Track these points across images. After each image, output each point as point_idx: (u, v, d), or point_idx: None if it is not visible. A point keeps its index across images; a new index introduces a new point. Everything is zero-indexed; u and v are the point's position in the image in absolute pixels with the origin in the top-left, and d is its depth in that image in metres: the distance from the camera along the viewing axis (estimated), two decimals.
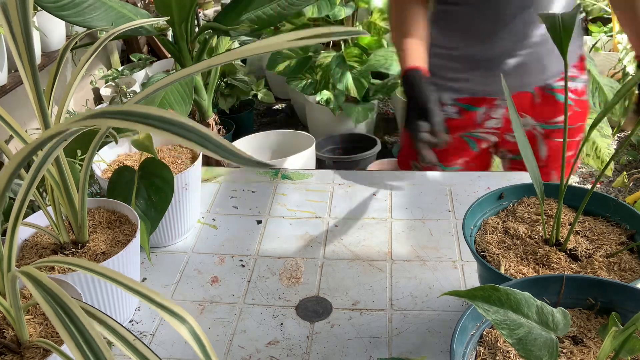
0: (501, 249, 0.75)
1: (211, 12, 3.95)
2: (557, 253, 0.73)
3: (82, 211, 0.80)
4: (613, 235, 0.75)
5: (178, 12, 1.52)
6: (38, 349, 0.62)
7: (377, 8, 2.83)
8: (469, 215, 0.78)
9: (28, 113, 2.38)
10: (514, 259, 0.73)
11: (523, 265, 0.72)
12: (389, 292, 0.90)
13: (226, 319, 0.86)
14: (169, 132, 0.44)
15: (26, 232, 0.85)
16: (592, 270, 0.70)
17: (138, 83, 3.05)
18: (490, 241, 0.76)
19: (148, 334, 0.84)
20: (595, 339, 0.59)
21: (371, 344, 0.81)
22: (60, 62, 0.76)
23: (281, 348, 0.81)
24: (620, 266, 0.70)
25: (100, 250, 0.82)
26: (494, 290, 0.49)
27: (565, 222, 0.78)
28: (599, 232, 0.76)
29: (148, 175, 0.93)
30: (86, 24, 1.41)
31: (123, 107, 0.45)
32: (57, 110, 0.79)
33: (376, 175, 1.22)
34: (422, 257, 0.97)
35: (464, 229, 0.76)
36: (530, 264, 0.72)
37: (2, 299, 0.59)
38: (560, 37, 0.68)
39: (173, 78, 0.55)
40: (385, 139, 3.21)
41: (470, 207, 0.78)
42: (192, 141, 0.44)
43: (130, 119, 0.44)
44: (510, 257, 0.73)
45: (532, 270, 0.71)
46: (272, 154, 2.62)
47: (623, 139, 3.01)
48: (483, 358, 0.58)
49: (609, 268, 0.70)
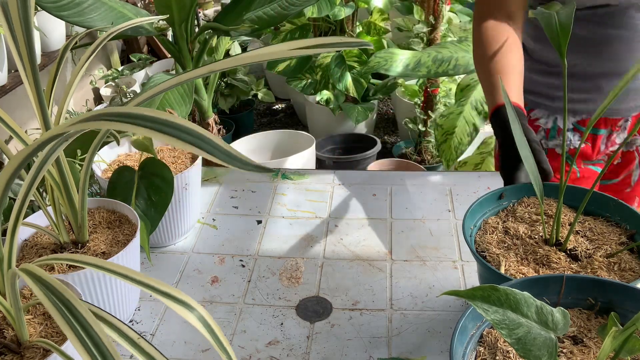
0: (501, 249, 0.75)
1: (211, 12, 3.95)
2: (557, 253, 0.73)
3: (82, 211, 0.80)
4: (613, 235, 0.75)
5: (178, 12, 1.52)
6: (38, 349, 0.62)
7: (377, 8, 2.83)
8: (469, 215, 0.78)
9: (28, 113, 2.38)
10: (514, 259, 0.73)
11: (523, 265, 0.72)
12: (389, 292, 0.90)
13: (226, 319, 0.86)
14: (168, 135, 0.44)
15: (26, 232, 0.85)
16: (592, 270, 0.70)
17: (138, 83, 3.05)
18: (490, 241, 0.76)
19: (148, 334, 0.84)
20: (595, 339, 0.59)
21: (371, 344, 0.81)
22: (60, 62, 0.76)
23: (281, 348, 0.81)
24: (620, 266, 0.70)
25: (100, 250, 0.82)
26: (493, 290, 0.49)
27: (565, 222, 0.77)
28: (599, 232, 0.76)
29: (148, 175, 0.93)
30: (86, 24, 1.41)
31: (121, 109, 0.45)
32: (57, 110, 0.79)
33: (376, 175, 1.22)
34: (422, 257, 0.97)
35: (464, 229, 0.76)
36: (530, 263, 0.72)
37: (2, 298, 0.59)
38: (558, 37, 0.67)
39: (174, 82, 0.55)
40: (385, 139, 3.21)
41: (470, 207, 0.78)
42: (192, 144, 0.44)
43: (129, 122, 0.44)
44: (510, 257, 0.73)
45: (532, 270, 0.71)
46: (272, 154, 2.62)
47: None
48: (483, 358, 0.58)
49: (609, 268, 0.70)
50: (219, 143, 0.45)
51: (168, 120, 0.44)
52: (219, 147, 0.45)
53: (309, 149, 2.35)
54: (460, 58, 1.93)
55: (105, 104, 2.83)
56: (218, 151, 0.45)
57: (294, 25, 2.89)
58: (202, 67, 0.53)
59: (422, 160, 2.78)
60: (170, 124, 0.44)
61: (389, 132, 3.29)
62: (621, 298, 0.61)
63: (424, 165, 2.73)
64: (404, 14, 2.83)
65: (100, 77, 2.98)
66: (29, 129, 2.36)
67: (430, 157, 2.78)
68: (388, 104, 3.55)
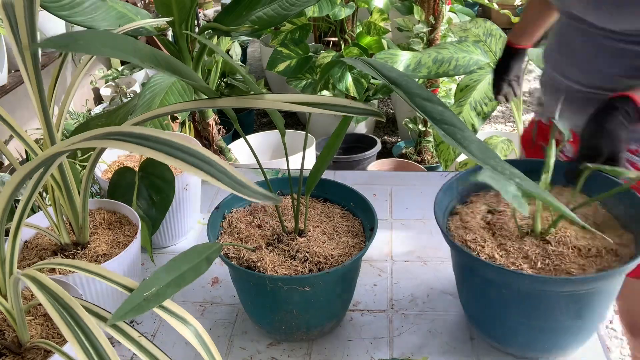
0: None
1: (211, 12, 3.94)
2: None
3: (84, 212, 0.80)
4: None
5: (178, 12, 1.52)
6: (39, 350, 0.62)
7: (377, 8, 2.83)
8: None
9: (28, 113, 2.38)
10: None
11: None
12: (389, 292, 0.90)
13: (227, 319, 0.86)
14: (178, 159, 0.44)
15: (27, 233, 0.85)
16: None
17: (138, 83, 3.05)
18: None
19: (149, 335, 0.84)
20: None
21: (372, 344, 0.80)
22: (63, 63, 0.76)
23: (282, 349, 0.81)
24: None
25: (101, 251, 0.81)
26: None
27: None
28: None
29: (149, 176, 0.93)
30: (87, 24, 1.41)
31: (131, 129, 0.45)
32: (58, 111, 0.79)
33: (376, 175, 1.22)
34: (422, 258, 0.97)
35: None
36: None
37: (3, 300, 0.59)
38: None
39: (205, 103, 0.54)
40: (385, 139, 3.21)
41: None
42: (201, 169, 0.44)
43: (136, 142, 0.44)
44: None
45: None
46: (272, 154, 2.62)
47: None
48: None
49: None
50: (228, 169, 0.45)
51: (176, 142, 0.44)
52: (227, 173, 0.45)
53: (309, 149, 2.35)
54: (460, 58, 1.93)
55: (105, 104, 2.83)
56: (226, 177, 0.45)
57: (294, 25, 2.89)
58: (226, 98, 0.53)
59: (422, 160, 2.78)
60: (179, 147, 0.44)
61: (389, 132, 3.29)
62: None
63: (424, 165, 2.73)
64: (404, 14, 2.83)
65: (101, 77, 2.98)
66: (29, 129, 2.36)
67: (430, 157, 2.78)
68: (388, 104, 3.55)
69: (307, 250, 0.75)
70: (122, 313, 0.49)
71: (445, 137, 0.49)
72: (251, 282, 0.74)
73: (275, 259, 0.74)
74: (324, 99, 0.53)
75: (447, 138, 0.49)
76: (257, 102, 0.52)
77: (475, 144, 0.49)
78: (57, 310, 0.47)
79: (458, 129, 0.49)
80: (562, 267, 0.69)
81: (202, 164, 0.44)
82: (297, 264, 0.74)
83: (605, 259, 0.70)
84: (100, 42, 0.50)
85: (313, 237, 0.78)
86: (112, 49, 0.50)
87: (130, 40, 0.51)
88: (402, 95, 0.51)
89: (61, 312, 0.47)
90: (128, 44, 0.51)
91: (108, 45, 0.50)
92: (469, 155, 0.48)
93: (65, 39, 0.49)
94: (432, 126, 0.50)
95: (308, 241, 0.77)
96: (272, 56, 2.74)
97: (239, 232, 0.80)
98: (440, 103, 0.51)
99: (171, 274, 0.54)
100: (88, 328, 0.46)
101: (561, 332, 0.71)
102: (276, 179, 0.88)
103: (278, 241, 0.78)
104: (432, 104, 0.51)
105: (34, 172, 0.48)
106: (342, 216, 0.84)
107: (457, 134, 0.49)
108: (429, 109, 0.50)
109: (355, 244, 0.78)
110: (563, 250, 0.71)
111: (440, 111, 0.50)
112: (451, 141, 0.49)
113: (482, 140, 0.50)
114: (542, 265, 0.70)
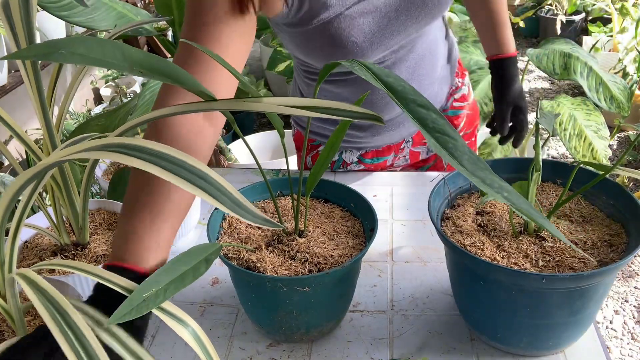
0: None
1: None
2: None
3: (84, 212, 0.79)
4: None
5: (178, 12, 1.52)
6: None
7: None
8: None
9: (28, 113, 2.38)
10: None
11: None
12: (389, 293, 0.90)
13: (227, 320, 0.86)
14: (181, 177, 0.44)
15: (26, 233, 0.85)
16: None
17: (138, 83, 3.05)
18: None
19: (149, 336, 0.84)
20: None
21: (372, 345, 0.80)
22: (62, 64, 0.76)
23: (282, 350, 0.80)
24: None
25: (101, 251, 0.81)
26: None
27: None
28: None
29: None
30: (87, 24, 1.41)
31: (135, 141, 0.45)
32: (58, 111, 0.79)
33: (376, 176, 1.22)
34: (423, 258, 0.97)
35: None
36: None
37: (2, 301, 0.59)
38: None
39: (189, 108, 0.54)
40: None
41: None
42: (203, 190, 0.44)
43: (138, 156, 0.44)
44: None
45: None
46: (272, 154, 2.62)
47: (622, 139, 3.01)
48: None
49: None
50: (231, 191, 0.45)
51: (181, 159, 0.44)
52: (229, 195, 0.45)
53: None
54: (460, 59, 1.93)
55: (105, 104, 2.83)
56: (228, 199, 0.45)
57: None
58: (224, 101, 0.53)
59: None
60: (182, 165, 0.44)
61: None
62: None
63: None
64: None
65: (100, 77, 2.98)
66: (29, 129, 2.36)
67: None
68: None
69: (307, 250, 0.75)
70: (121, 314, 0.49)
71: (435, 147, 0.48)
72: (251, 283, 0.74)
73: (275, 260, 0.74)
74: (322, 103, 0.53)
75: (437, 147, 0.48)
76: (255, 105, 0.52)
77: (466, 155, 0.48)
78: (49, 310, 0.47)
79: (450, 138, 0.49)
80: (564, 262, 0.69)
81: (202, 182, 0.44)
82: (296, 264, 0.74)
83: (602, 250, 0.71)
84: (85, 50, 0.46)
85: (313, 237, 0.78)
86: (97, 58, 0.46)
87: (118, 45, 0.49)
88: (397, 102, 0.51)
89: (52, 313, 0.47)
90: (116, 51, 0.48)
91: (94, 53, 0.47)
92: (457, 167, 0.48)
93: (45, 48, 0.45)
94: (424, 134, 0.49)
95: (308, 242, 0.77)
96: (272, 56, 2.73)
97: (238, 232, 0.80)
98: (435, 111, 0.50)
99: (170, 274, 0.54)
100: (79, 329, 0.46)
101: (562, 328, 0.72)
102: (276, 180, 0.88)
103: (278, 242, 0.77)
104: (426, 110, 0.50)
105: (29, 183, 0.48)
106: (342, 217, 0.84)
107: (449, 143, 0.48)
108: (423, 116, 0.50)
109: (355, 244, 0.78)
110: (560, 246, 0.72)
111: (434, 119, 0.49)
112: (441, 150, 0.48)
113: (473, 152, 0.49)
114: (544, 263, 0.70)
